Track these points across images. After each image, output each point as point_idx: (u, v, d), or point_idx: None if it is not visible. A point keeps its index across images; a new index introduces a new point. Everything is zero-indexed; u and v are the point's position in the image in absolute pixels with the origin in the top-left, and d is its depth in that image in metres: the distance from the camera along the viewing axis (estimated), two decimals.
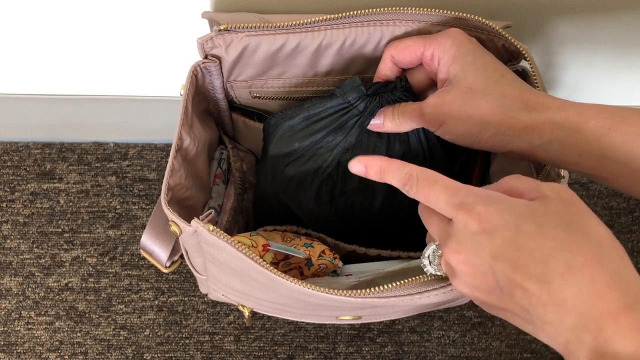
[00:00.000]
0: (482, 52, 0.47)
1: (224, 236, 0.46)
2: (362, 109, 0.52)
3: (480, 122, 0.44)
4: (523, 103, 0.43)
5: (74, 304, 0.79)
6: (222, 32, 0.52)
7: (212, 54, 0.54)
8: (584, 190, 0.87)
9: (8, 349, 0.77)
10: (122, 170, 0.86)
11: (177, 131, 0.52)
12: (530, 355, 0.78)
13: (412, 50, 0.49)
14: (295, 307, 0.56)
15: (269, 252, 0.53)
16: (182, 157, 0.53)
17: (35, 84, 0.76)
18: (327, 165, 0.55)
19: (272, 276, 0.46)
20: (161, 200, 0.48)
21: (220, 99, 0.60)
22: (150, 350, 0.77)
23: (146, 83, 0.76)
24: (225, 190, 0.66)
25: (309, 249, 0.55)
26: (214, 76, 0.56)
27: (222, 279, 0.55)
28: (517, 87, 0.45)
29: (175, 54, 0.69)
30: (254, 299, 0.58)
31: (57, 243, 0.82)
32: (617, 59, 0.71)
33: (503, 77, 0.45)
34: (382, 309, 0.55)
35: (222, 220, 0.61)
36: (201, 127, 0.58)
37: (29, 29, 0.67)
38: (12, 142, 0.88)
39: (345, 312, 0.57)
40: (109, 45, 0.69)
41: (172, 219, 0.48)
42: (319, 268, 0.55)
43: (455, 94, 0.45)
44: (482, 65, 0.45)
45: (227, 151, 0.67)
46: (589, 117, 0.41)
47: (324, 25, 0.52)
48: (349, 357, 0.77)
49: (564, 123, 0.41)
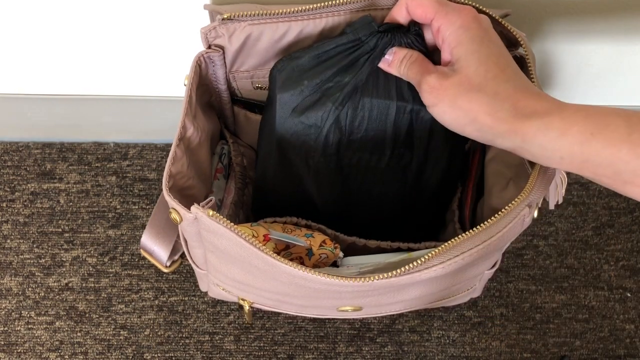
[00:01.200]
0: (489, 41, 0.47)
1: (224, 221, 0.46)
2: (373, 46, 0.51)
3: (467, 116, 0.45)
4: (512, 105, 0.44)
5: (74, 303, 0.79)
6: (225, 21, 0.52)
7: (215, 44, 0.55)
8: (583, 190, 0.87)
9: (8, 348, 0.77)
10: (122, 170, 0.86)
11: (181, 119, 0.52)
12: (530, 355, 0.78)
13: (424, 11, 0.48)
14: (296, 297, 0.56)
15: (270, 242, 0.53)
16: (185, 146, 0.53)
17: (35, 84, 0.76)
18: (337, 105, 0.53)
19: (273, 261, 0.46)
20: (163, 187, 0.48)
21: (223, 90, 0.60)
22: (150, 350, 0.77)
23: (146, 83, 0.76)
24: (226, 184, 0.66)
25: (310, 239, 0.56)
26: (217, 66, 0.56)
27: (222, 269, 0.55)
28: (512, 84, 0.45)
29: (175, 53, 0.69)
30: (254, 290, 0.58)
31: (57, 243, 0.82)
32: (617, 59, 0.71)
33: (502, 72, 0.45)
34: (384, 297, 0.55)
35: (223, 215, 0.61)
36: (204, 117, 0.58)
37: (29, 29, 0.67)
38: (12, 142, 0.88)
39: (346, 300, 0.57)
40: (108, 45, 0.69)
41: (172, 205, 0.48)
42: (319, 258, 0.55)
43: (453, 82, 0.46)
44: (485, 57, 0.45)
45: (228, 146, 0.67)
46: (572, 123, 0.41)
47: (325, 12, 0.52)
48: (349, 357, 0.77)
49: (547, 129, 0.42)
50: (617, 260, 0.83)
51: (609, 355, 0.78)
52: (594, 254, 0.83)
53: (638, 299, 0.81)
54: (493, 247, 0.49)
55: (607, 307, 0.80)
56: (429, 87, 0.47)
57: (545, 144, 0.42)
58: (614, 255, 0.83)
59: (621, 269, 0.83)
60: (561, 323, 0.80)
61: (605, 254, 0.83)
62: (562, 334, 0.79)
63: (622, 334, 0.79)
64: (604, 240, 0.84)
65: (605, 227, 0.85)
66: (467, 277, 0.59)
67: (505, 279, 0.81)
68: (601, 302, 0.81)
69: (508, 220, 0.48)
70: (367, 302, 0.57)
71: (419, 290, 0.55)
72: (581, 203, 0.86)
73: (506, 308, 0.80)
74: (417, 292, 0.56)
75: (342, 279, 0.47)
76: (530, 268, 0.82)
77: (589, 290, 0.81)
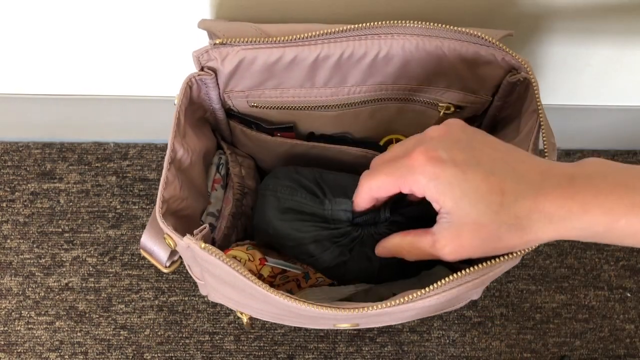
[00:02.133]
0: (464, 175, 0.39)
1: (216, 253, 0.45)
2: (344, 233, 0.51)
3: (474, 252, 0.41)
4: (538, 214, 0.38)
5: (74, 303, 0.79)
6: (218, 46, 0.51)
7: (208, 66, 0.54)
8: None
9: (8, 348, 0.77)
10: (122, 170, 0.86)
11: (170, 143, 0.51)
12: (530, 355, 0.78)
13: (387, 190, 0.43)
14: (293, 318, 0.56)
15: (265, 266, 0.52)
16: (176, 168, 0.52)
17: (35, 84, 0.76)
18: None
19: (266, 293, 0.46)
20: (155, 213, 0.48)
21: (217, 108, 0.59)
22: (150, 350, 0.77)
23: (146, 83, 0.76)
24: (224, 195, 0.65)
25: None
26: (209, 88, 0.55)
27: (219, 289, 0.55)
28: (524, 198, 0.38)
29: (175, 54, 0.69)
30: (252, 309, 0.58)
31: (58, 243, 0.82)
32: (617, 60, 0.71)
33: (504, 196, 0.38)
34: (379, 317, 0.55)
35: (221, 226, 0.60)
36: (195, 136, 0.57)
37: (29, 29, 0.67)
38: (12, 142, 0.88)
39: (342, 322, 0.57)
40: (109, 46, 0.69)
41: (166, 232, 0.47)
42: (316, 281, 0.55)
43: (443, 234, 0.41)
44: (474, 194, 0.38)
45: (226, 156, 0.67)
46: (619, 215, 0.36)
47: (320, 39, 0.51)
48: (349, 357, 0.77)
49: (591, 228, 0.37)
50: (617, 260, 0.83)
51: (609, 355, 0.78)
52: (594, 254, 0.83)
53: (638, 299, 0.81)
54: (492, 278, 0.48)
55: (607, 307, 0.80)
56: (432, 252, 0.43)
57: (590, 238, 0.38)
58: (614, 255, 0.83)
59: (621, 269, 0.83)
60: (561, 323, 0.80)
61: (605, 254, 0.83)
62: (562, 334, 0.79)
63: (622, 334, 0.79)
64: None
65: None
66: (466, 298, 0.59)
67: (505, 279, 0.81)
68: (601, 302, 0.81)
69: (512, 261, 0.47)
70: (363, 321, 0.57)
71: (415, 312, 0.55)
72: None
73: (506, 308, 0.80)
74: (413, 313, 0.55)
75: (335, 309, 0.45)
76: (530, 268, 0.82)
77: (589, 290, 0.81)
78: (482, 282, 0.48)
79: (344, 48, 0.52)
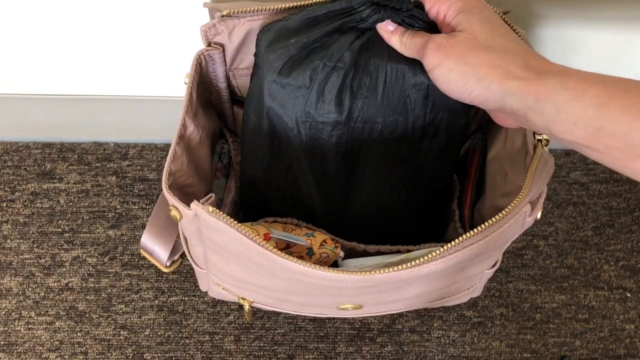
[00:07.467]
0: (490, 11, 0.46)
1: (224, 217, 0.46)
2: (365, 16, 0.50)
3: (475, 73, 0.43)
4: (523, 61, 0.42)
5: (74, 303, 0.79)
6: (225, 18, 0.52)
7: (215, 42, 0.55)
8: (583, 190, 0.87)
9: (8, 348, 0.77)
10: (122, 170, 0.86)
11: (182, 117, 0.52)
12: (530, 355, 0.78)
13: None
14: (296, 294, 0.56)
15: (270, 241, 0.53)
16: (185, 144, 0.53)
17: (35, 84, 0.76)
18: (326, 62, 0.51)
19: (273, 257, 0.46)
20: (162, 184, 0.48)
21: (222, 88, 0.60)
22: (150, 350, 0.77)
23: (146, 83, 0.76)
24: (225, 183, 0.66)
25: (310, 238, 0.56)
26: (217, 64, 0.57)
27: (223, 267, 0.55)
28: (520, 45, 0.44)
29: (175, 54, 0.69)
30: (254, 288, 0.58)
31: (57, 243, 0.82)
32: (618, 59, 0.71)
33: (509, 33, 0.45)
34: (384, 295, 0.55)
35: None
36: (204, 116, 0.58)
37: (29, 29, 0.67)
38: (12, 142, 0.88)
39: (347, 298, 0.57)
40: (108, 45, 0.69)
41: (172, 203, 0.48)
42: (320, 257, 0.55)
43: (460, 39, 0.44)
44: (488, 19, 0.45)
45: (228, 145, 0.67)
46: (589, 85, 0.39)
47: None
48: (349, 357, 0.77)
49: (563, 87, 0.40)
50: (617, 260, 0.83)
51: (609, 355, 0.78)
52: (594, 254, 0.83)
53: (638, 299, 0.81)
54: (493, 244, 0.49)
55: (607, 307, 0.80)
56: (435, 45, 0.45)
57: (560, 105, 0.40)
58: (614, 255, 0.83)
59: (621, 269, 0.83)
60: (561, 323, 0.80)
61: (605, 254, 0.83)
62: (562, 334, 0.79)
63: (622, 334, 0.79)
64: (604, 240, 0.84)
65: (605, 227, 0.85)
66: (467, 276, 0.59)
67: (505, 279, 0.81)
68: (601, 302, 0.81)
69: (510, 217, 0.48)
70: (368, 299, 0.57)
71: (419, 288, 0.55)
72: (581, 203, 0.86)
73: (506, 308, 0.80)
74: (418, 289, 0.56)
75: (342, 273, 0.47)
76: (530, 268, 0.82)
77: (589, 290, 0.81)
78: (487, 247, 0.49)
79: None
